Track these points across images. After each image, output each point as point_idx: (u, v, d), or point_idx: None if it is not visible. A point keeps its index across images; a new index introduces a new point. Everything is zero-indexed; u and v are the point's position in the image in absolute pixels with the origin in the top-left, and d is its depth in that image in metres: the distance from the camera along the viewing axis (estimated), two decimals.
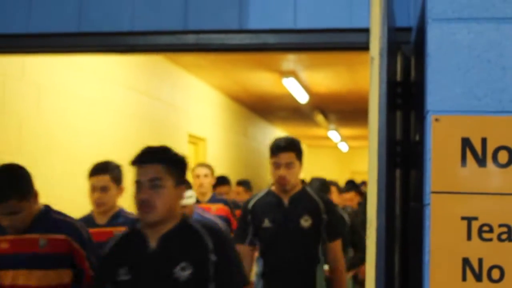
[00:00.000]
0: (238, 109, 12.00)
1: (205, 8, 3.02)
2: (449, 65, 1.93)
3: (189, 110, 8.90)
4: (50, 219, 3.17)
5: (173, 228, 2.64)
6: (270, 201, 3.96)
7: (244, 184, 7.94)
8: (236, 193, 7.67)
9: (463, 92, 1.92)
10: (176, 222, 2.66)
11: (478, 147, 1.90)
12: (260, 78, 9.10)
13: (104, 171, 3.85)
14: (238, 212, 6.79)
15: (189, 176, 5.43)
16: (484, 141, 1.89)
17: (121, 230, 3.53)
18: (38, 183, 3.51)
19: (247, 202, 4.08)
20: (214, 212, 5.48)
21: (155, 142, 7.17)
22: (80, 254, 3.16)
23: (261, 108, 12.47)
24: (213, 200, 5.72)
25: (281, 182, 3.86)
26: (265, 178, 12.62)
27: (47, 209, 3.21)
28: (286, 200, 3.92)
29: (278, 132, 16.53)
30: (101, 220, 3.90)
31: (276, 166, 3.85)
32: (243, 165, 12.31)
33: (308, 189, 4.06)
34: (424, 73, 1.98)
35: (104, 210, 3.89)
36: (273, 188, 4.00)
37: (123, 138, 6.63)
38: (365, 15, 2.85)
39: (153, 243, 2.60)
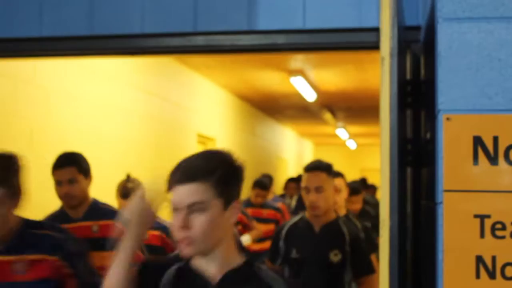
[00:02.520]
0: (246, 108, 12.01)
1: (214, 10, 3.04)
2: (460, 64, 1.94)
3: (198, 110, 8.92)
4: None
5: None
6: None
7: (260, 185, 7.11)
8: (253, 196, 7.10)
9: (474, 91, 1.93)
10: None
11: (489, 145, 1.91)
12: (268, 77, 9.12)
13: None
14: (250, 211, 6.75)
15: None
16: (495, 139, 1.90)
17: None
18: (50, 186, 3.55)
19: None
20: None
21: (165, 143, 7.17)
22: None
23: (270, 107, 12.48)
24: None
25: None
26: (274, 177, 12.64)
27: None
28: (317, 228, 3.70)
29: (286, 130, 16.54)
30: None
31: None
32: (252, 164, 12.33)
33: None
34: (435, 72, 1.99)
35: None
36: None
37: (133, 140, 6.66)
38: (374, 14, 2.87)
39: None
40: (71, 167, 3.58)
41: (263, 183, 6.90)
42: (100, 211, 3.66)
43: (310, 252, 3.61)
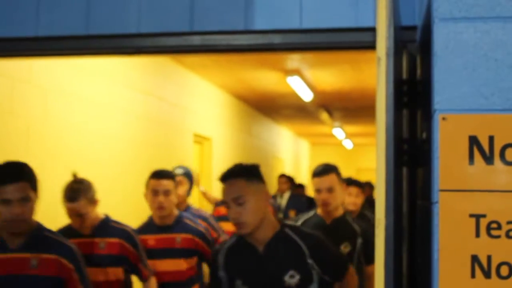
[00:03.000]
0: (243, 108, 12.02)
1: (211, 9, 3.04)
2: (456, 64, 1.94)
3: (194, 110, 8.92)
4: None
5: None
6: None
7: None
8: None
9: (470, 91, 1.93)
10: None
11: (485, 145, 1.91)
12: (265, 77, 9.12)
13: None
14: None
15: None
16: (491, 139, 1.91)
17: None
18: (46, 186, 3.54)
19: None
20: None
21: (161, 143, 7.17)
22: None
23: (266, 106, 12.49)
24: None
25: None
26: (270, 176, 12.64)
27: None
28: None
29: (283, 130, 16.54)
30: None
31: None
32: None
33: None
34: (431, 72, 2.00)
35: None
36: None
37: (130, 139, 6.66)
38: (371, 14, 2.87)
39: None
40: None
41: None
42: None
43: None
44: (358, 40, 2.94)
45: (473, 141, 1.92)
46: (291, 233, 2.85)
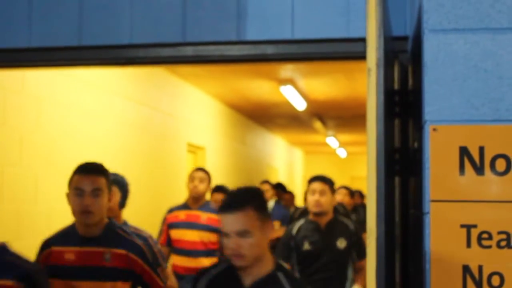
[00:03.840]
0: (236, 117, 12.02)
1: (203, 20, 3.05)
2: (446, 75, 1.95)
3: (187, 119, 8.93)
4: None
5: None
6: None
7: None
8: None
9: (461, 102, 1.95)
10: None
11: (476, 155, 1.92)
12: (258, 86, 9.13)
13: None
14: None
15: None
16: (481, 149, 1.92)
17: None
18: (39, 195, 3.53)
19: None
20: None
21: (155, 152, 7.15)
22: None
23: (260, 115, 12.49)
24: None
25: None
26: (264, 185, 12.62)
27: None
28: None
29: (276, 139, 16.55)
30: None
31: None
32: (242, 172, 12.33)
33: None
34: (421, 83, 2.01)
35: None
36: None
37: (123, 149, 6.65)
38: (362, 24, 2.88)
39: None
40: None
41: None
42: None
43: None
44: (349, 50, 2.96)
45: (464, 151, 1.93)
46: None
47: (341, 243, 4.54)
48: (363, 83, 8.69)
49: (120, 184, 4.10)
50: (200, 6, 3.04)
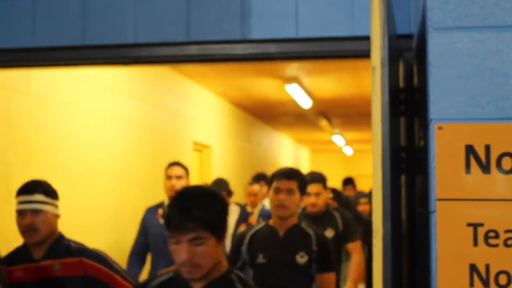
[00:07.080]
0: (242, 116, 12.02)
1: (208, 19, 3.04)
2: (451, 73, 1.94)
3: (193, 118, 8.93)
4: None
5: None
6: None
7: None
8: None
9: (466, 100, 1.93)
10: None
11: (482, 154, 1.91)
12: (264, 85, 9.12)
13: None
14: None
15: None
16: (487, 148, 1.91)
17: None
18: None
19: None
20: None
21: (161, 151, 7.17)
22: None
23: (265, 114, 12.49)
24: None
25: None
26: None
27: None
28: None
29: (282, 137, 16.54)
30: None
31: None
32: (248, 171, 12.33)
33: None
34: (426, 82, 2.00)
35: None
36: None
37: (129, 148, 6.65)
38: (367, 23, 2.86)
39: None
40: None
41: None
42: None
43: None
44: (354, 48, 2.95)
45: (470, 150, 1.92)
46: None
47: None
48: (368, 80, 8.63)
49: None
50: (204, 5, 3.04)
